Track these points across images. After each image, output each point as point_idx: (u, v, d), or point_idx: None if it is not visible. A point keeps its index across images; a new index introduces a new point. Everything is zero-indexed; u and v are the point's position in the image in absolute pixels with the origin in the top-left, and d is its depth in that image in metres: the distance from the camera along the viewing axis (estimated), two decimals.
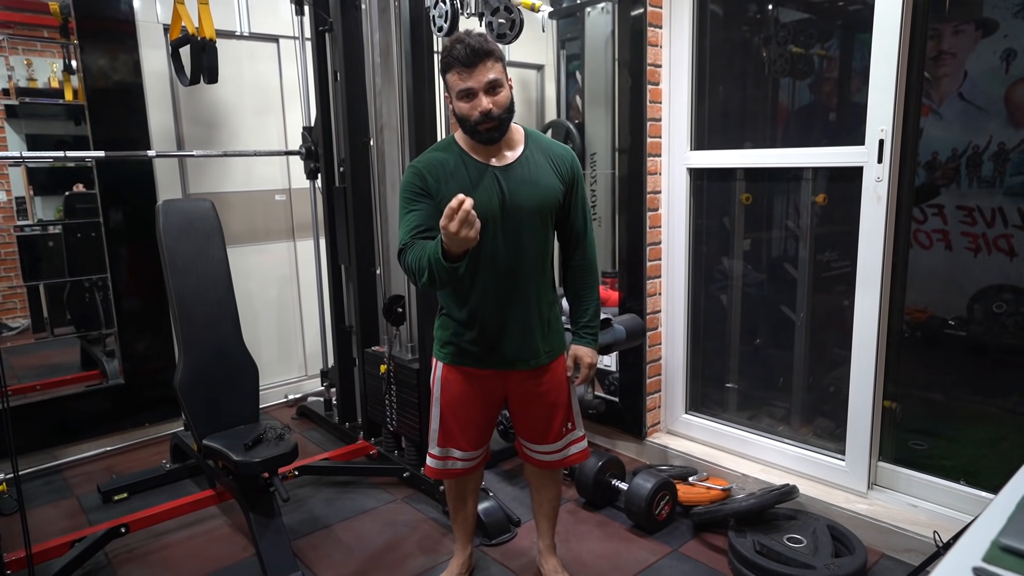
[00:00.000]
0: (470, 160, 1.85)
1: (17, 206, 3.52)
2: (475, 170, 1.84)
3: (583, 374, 2.03)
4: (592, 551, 2.47)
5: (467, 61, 1.71)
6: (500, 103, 1.76)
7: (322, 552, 2.50)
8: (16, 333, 3.60)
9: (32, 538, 2.09)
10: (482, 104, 1.73)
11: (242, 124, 3.81)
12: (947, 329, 2.64)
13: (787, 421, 2.96)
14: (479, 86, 1.73)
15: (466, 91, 1.74)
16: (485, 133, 1.78)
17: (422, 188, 1.82)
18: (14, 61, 3.38)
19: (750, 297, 3.11)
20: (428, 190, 1.82)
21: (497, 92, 1.76)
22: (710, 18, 2.94)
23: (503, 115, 1.77)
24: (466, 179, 1.82)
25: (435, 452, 2.07)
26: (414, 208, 1.82)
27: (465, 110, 1.76)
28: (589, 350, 2.03)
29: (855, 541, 2.31)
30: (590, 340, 2.03)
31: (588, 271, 2.02)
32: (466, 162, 1.85)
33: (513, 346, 1.93)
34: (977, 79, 2.42)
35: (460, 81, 1.74)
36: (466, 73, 1.72)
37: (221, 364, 2.70)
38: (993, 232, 2.42)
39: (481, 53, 1.71)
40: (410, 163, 1.93)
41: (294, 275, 4.12)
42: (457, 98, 1.77)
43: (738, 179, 3.00)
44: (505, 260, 1.86)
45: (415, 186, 1.83)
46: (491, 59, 1.74)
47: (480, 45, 1.71)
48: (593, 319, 2.03)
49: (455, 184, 1.80)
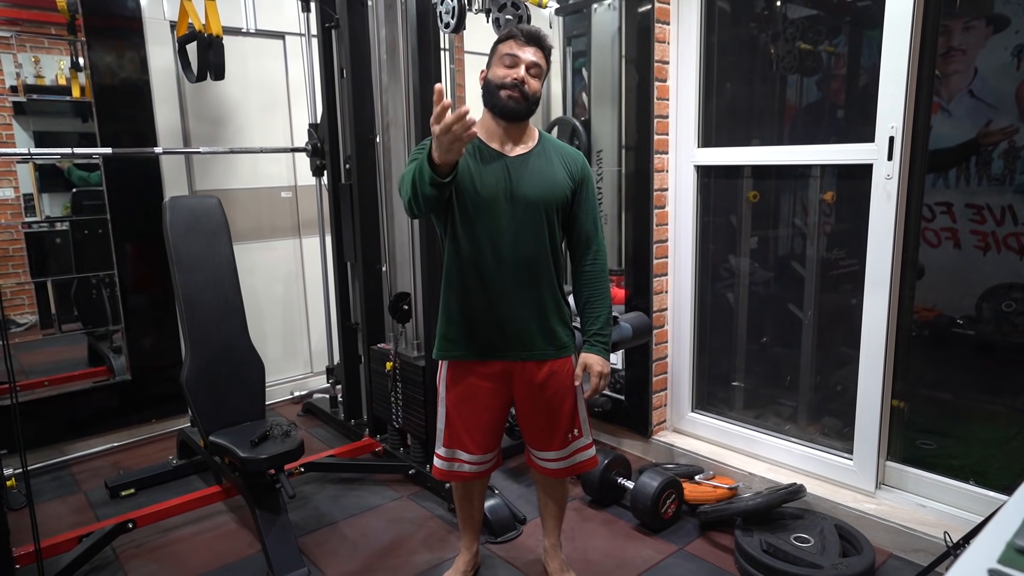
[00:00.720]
0: (484, 146, 1.90)
1: (25, 203, 3.53)
2: (487, 155, 1.89)
3: (593, 384, 1.97)
4: (598, 549, 2.46)
5: (528, 39, 1.85)
6: (532, 85, 1.86)
7: (328, 549, 2.51)
8: (24, 329, 3.61)
9: (40, 533, 2.10)
10: (520, 72, 1.84)
11: (248, 121, 3.82)
12: (955, 328, 2.62)
13: (794, 420, 2.95)
14: (525, 59, 1.84)
15: (514, 57, 1.85)
16: (508, 100, 1.84)
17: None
18: (22, 58, 3.38)
19: (757, 295, 3.09)
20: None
21: (534, 76, 1.87)
22: (718, 14, 2.93)
23: (530, 96, 1.86)
24: (477, 163, 1.87)
25: (441, 453, 2.07)
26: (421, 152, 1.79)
27: (501, 74, 1.85)
28: (600, 358, 1.97)
29: (863, 541, 2.30)
30: (601, 349, 1.98)
31: (598, 276, 2.01)
32: (480, 147, 1.89)
33: (515, 334, 1.93)
34: (988, 76, 2.40)
35: (514, 47, 1.85)
36: (522, 45, 1.85)
37: (227, 361, 2.71)
38: (1003, 230, 2.40)
39: (540, 40, 1.87)
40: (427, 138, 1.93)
41: (300, 272, 4.12)
42: (499, 63, 1.86)
43: (745, 177, 2.99)
44: (510, 247, 1.88)
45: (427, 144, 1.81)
46: (544, 50, 1.89)
47: (543, 34, 1.89)
48: (604, 327, 1.99)
49: (466, 166, 1.85)
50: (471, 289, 1.92)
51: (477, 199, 1.85)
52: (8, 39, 3.32)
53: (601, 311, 2.00)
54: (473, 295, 1.92)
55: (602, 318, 2.00)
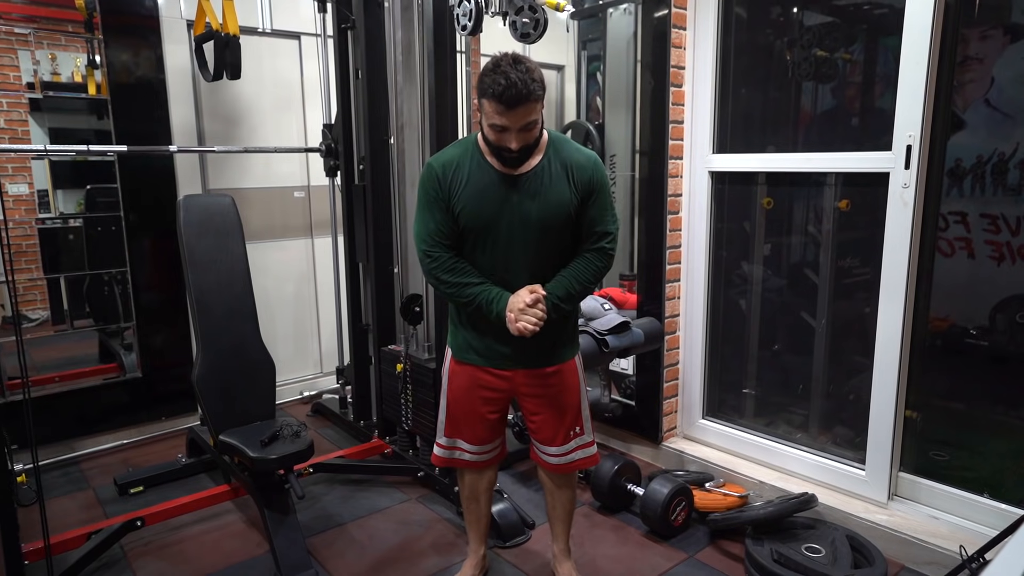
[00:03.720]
0: (486, 165, 1.87)
1: (39, 199, 3.55)
2: (490, 176, 1.86)
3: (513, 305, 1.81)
4: (607, 556, 2.45)
5: (509, 103, 1.67)
6: (529, 139, 1.77)
7: (336, 550, 2.50)
8: (36, 325, 3.62)
9: (50, 529, 2.11)
10: (512, 143, 1.74)
11: (262, 120, 3.83)
12: (968, 338, 2.59)
13: (805, 428, 2.93)
14: (514, 127, 1.72)
15: (501, 127, 1.74)
16: (508, 160, 1.82)
17: (436, 193, 1.87)
18: (39, 55, 3.41)
19: (770, 302, 3.07)
20: (442, 193, 1.86)
21: (530, 130, 1.75)
22: (735, 20, 2.91)
23: (529, 147, 1.80)
24: (478, 185, 1.85)
25: (442, 442, 2.11)
26: (433, 210, 1.87)
27: (493, 138, 1.78)
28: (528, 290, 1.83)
29: (875, 552, 2.28)
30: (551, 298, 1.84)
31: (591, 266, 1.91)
32: (481, 165, 1.87)
33: (521, 350, 1.93)
34: (1004, 85, 2.38)
35: (496, 116, 1.71)
36: (504, 111, 1.69)
37: (238, 360, 2.71)
38: (1018, 241, 2.38)
39: (523, 98, 1.67)
40: (428, 160, 1.95)
41: (311, 272, 4.12)
42: (488, 126, 1.77)
43: (760, 183, 2.97)
44: (515, 266, 1.87)
45: (432, 188, 1.87)
46: (533, 100, 1.69)
47: (525, 88, 1.66)
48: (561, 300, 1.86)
49: (468, 188, 1.84)
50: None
51: (482, 222, 1.85)
52: (26, 36, 3.34)
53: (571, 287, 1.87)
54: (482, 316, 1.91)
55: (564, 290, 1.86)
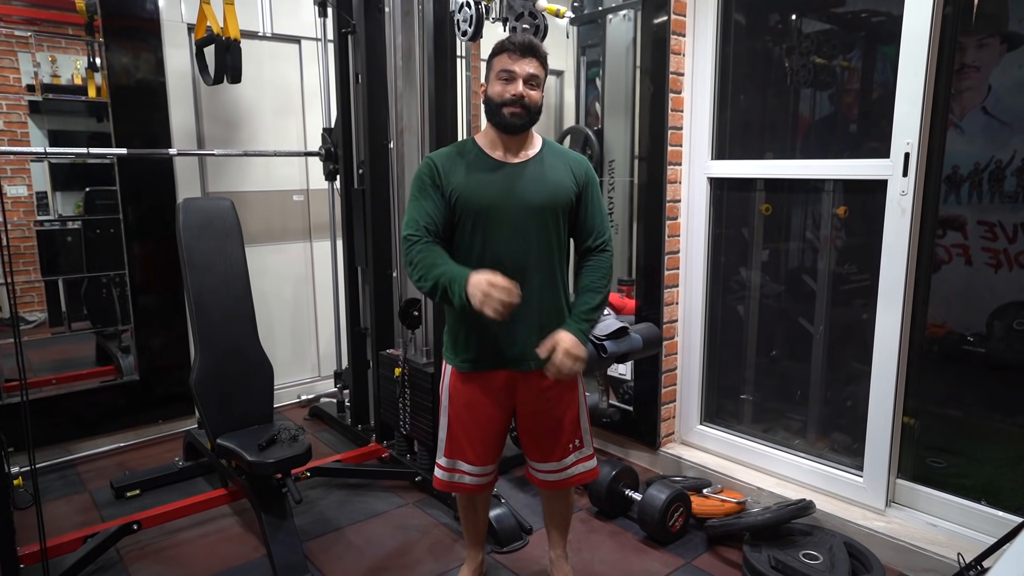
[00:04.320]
0: (485, 157, 1.90)
1: (38, 201, 3.55)
2: (489, 165, 1.89)
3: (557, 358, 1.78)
4: (604, 561, 2.45)
5: (521, 50, 1.83)
6: (532, 97, 1.85)
7: (333, 555, 2.50)
8: (33, 327, 3.62)
9: (46, 532, 2.10)
10: (518, 87, 1.82)
11: (262, 124, 3.83)
12: (966, 345, 2.60)
13: (803, 435, 2.93)
14: (522, 73, 1.83)
15: (508, 72, 1.83)
16: (509, 117, 1.84)
17: (432, 179, 1.88)
18: (39, 58, 3.41)
19: (768, 308, 3.08)
20: (439, 183, 1.88)
21: (533, 87, 1.85)
22: (734, 27, 2.93)
23: (531, 108, 1.85)
24: (477, 172, 1.87)
25: (443, 463, 2.06)
26: (424, 199, 1.87)
27: (498, 90, 1.84)
28: (571, 337, 1.81)
29: (872, 559, 2.28)
30: (578, 329, 1.85)
31: (600, 268, 1.96)
32: (480, 157, 1.90)
33: (520, 343, 1.91)
34: (1001, 93, 2.39)
35: (508, 62, 1.83)
36: (516, 57, 1.83)
37: (236, 363, 2.71)
38: (1015, 248, 2.39)
39: (534, 50, 1.85)
40: (427, 155, 1.98)
41: (310, 276, 4.13)
42: (496, 78, 1.85)
43: (758, 190, 2.98)
44: (513, 256, 1.87)
45: (427, 175, 1.89)
46: (539, 60, 1.86)
47: (536, 44, 1.86)
48: (591, 312, 1.91)
49: (467, 178, 1.86)
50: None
51: (480, 210, 1.85)
52: (26, 38, 3.35)
53: (594, 299, 1.93)
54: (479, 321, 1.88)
55: (591, 304, 1.92)
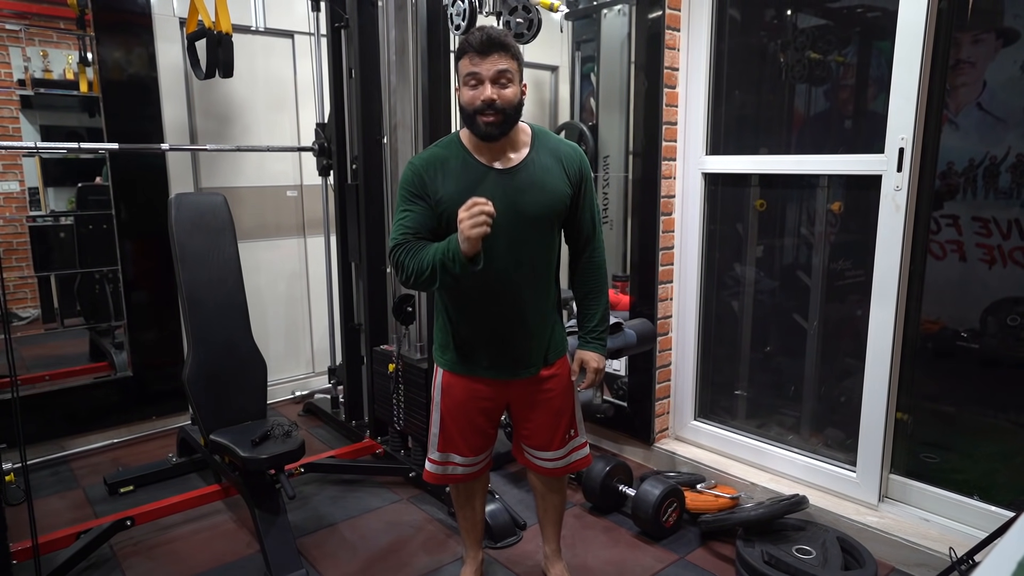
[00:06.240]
0: (472, 161, 1.78)
1: (30, 196, 3.53)
2: (476, 172, 1.77)
3: (589, 378, 1.97)
4: (598, 557, 2.45)
5: (480, 49, 1.67)
6: (505, 97, 1.69)
7: (327, 551, 2.50)
8: (26, 323, 3.61)
9: (38, 529, 2.09)
10: (486, 91, 1.67)
11: (255, 119, 3.81)
12: (959, 341, 2.61)
13: (797, 430, 2.93)
14: (487, 74, 1.67)
15: (472, 75, 1.69)
16: (484, 127, 1.70)
17: (416, 190, 1.78)
18: (30, 52, 3.39)
19: (762, 304, 3.08)
20: (423, 191, 1.77)
21: (505, 85, 1.69)
22: (729, 22, 2.92)
23: (507, 110, 1.70)
24: (465, 181, 1.75)
25: (435, 457, 2.05)
26: (408, 209, 1.78)
27: (468, 98, 1.71)
28: (596, 355, 1.97)
29: (865, 554, 2.29)
30: (598, 346, 1.98)
31: (596, 272, 1.97)
32: (467, 162, 1.77)
33: (513, 357, 1.90)
34: (996, 89, 2.39)
35: (470, 65, 1.69)
36: (477, 59, 1.68)
37: (230, 359, 2.69)
38: (1009, 244, 2.39)
39: (496, 43, 1.67)
40: (410, 160, 1.87)
41: (304, 271, 4.11)
42: (463, 83, 1.72)
43: (753, 185, 2.98)
44: (506, 270, 1.79)
45: (411, 185, 1.79)
46: (505, 52, 1.69)
47: (497, 36, 1.68)
48: (601, 323, 1.98)
49: (453, 186, 1.75)
50: (468, 312, 1.87)
51: None
52: (17, 33, 3.32)
53: (597, 308, 1.97)
54: (471, 318, 1.87)
55: (598, 314, 1.98)
